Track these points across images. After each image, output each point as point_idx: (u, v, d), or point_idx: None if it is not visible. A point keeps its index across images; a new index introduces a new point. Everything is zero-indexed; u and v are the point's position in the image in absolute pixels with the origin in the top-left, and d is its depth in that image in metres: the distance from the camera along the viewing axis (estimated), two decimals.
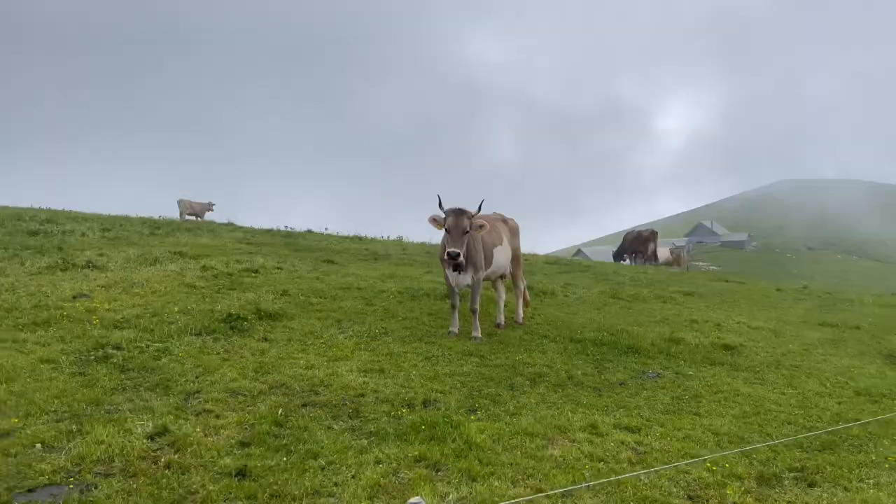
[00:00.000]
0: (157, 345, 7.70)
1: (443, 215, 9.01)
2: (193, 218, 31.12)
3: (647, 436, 6.46)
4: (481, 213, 9.64)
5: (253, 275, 12.77)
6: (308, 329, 9.15)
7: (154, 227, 20.11)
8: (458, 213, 8.94)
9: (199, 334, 8.33)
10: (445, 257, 8.87)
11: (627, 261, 31.12)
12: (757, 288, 20.20)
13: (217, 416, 5.96)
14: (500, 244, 10.09)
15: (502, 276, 10.85)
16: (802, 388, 8.45)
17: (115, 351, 7.35)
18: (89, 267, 12.08)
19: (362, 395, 6.83)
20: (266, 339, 8.49)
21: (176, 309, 9.40)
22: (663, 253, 32.27)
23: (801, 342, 11.35)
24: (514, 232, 10.71)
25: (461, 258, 8.88)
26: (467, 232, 8.99)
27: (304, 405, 6.45)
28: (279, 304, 10.25)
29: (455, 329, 9.69)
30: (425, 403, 6.81)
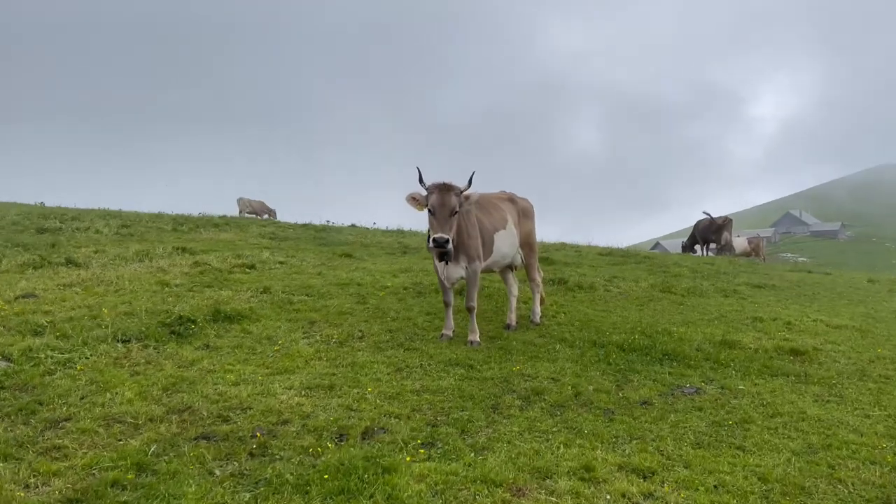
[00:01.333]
0: (61, 355, 6.33)
1: (424, 193, 7.33)
2: (253, 216, 30.53)
3: (664, 483, 4.62)
4: (480, 191, 7.92)
5: (247, 271, 11.43)
6: (267, 333, 7.64)
7: (178, 223, 19.21)
8: (444, 188, 7.24)
9: (128, 341, 6.93)
10: (431, 245, 7.18)
11: (700, 252, 28.50)
12: (844, 279, 17.54)
13: (65, 457, 4.49)
14: (504, 228, 8.29)
15: (512, 267, 9.06)
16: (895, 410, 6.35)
17: (1, 363, 6.02)
18: (68, 264, 11.00)
19: (286, 423, 5.26)
20: (207, 347, 7.02)
21: (123, 310, 8.07)
22: (740, 243, 29.43)
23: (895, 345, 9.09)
24: (525, 214, 8.87)
25: (450, 245, 7.17)
26: (456, 212, 7.28)
27: (199, 437, 4.91)
28: (251, 304, 8.80)
29: (449, 332, 7.99)
30: (366, 434, 5.17)
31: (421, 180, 7.31)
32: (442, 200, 7.17)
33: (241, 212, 30.92)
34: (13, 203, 23.15)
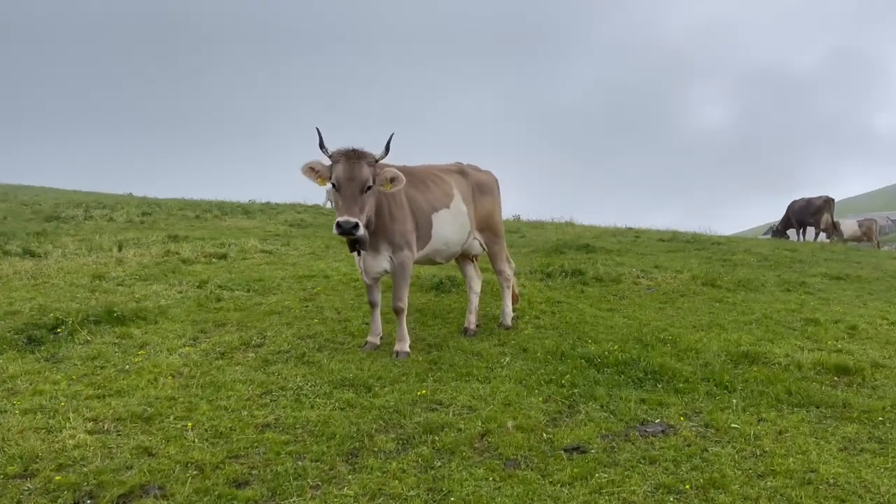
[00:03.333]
0: None
1: (327, 162, 5.72)
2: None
3: None
4: (420, 163, 6.25)
5: (214, 260, 10.24)
6: (148, 339, 6.30)
7: (205, 209, 18.45)
8: (353, 156, 5.58)
9: None
10: (335, 231, 5.54)
11: (797, 237, 25.24)
12: None
13: None
14: (447, 207, 6.51)
15: (471, 257, 7.28)
16: None
17: None
18: (22, 255, 10.16)
19: (30, 475, 3.83)
20: (49, 359, 5.76)
21: (11, 309, 6.98)
22: (849, 226, 25.86)
23: None
24: (481, 189, 7.01)
25: (360, 231, 5.52)
26: (370, 187, 5.63)
27: None
28: (167, 302, 7.54)
29: (375, 339, 6.38)
30: (126, 497, 3.66)
31: (322, 145, 5.68)
32: (350, 172, 5.52)
33: (325, 202, 29.90)
34: (63, 190, 23.33)
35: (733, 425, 4.79)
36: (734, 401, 5.26)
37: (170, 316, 7.07)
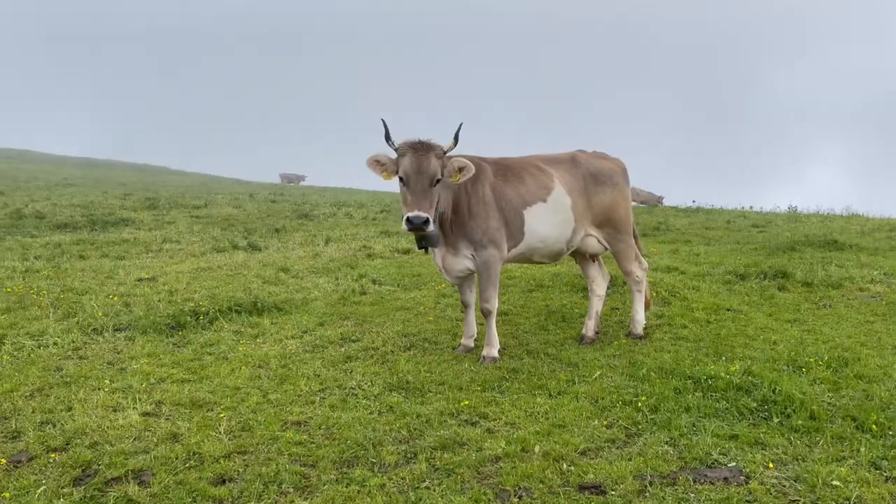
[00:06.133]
0: None
1: (393, 155, 5.51)
2: None
3: None
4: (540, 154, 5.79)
5: (397, 255, 10.59)
6: (265, 330, 6.67)
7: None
8: (420, 148, 5.28)
9: None
10: (405, 226, 5.34)
11: None
12: None
13: None
14: (543, 201, 5.84)
15: (590, 256, 6.47)
16: None
17: None
18: (246, 248, 11.48)
19: None
20: (177, 344, 6.35)
21: (187, 295, 7.95)
22: None
23: None
24: (596, 179, 6.12)
25: (431, 227, 5.25)
26: (439, 180, 5.32)
27: None
28: (313, 294, 7.94)
29: (468, 341, 6.05)
30: None
31: (388, 137, 5.47)
32: (418, 165, 5.25)
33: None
34: (338, 188, 25.85)
35: (834, 482, 3.63)
36: (862, 450, 3.99)
37: (308, 308, 7.43)
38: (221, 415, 4.69)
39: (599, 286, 6.47)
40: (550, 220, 5.85)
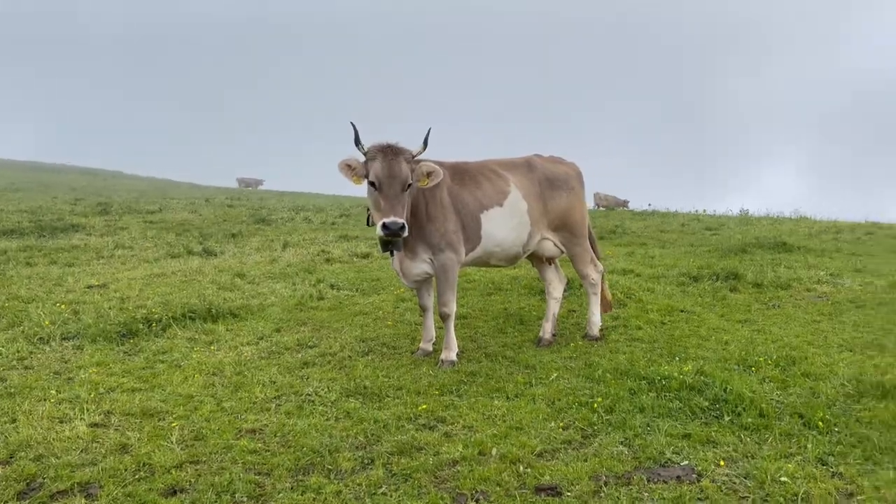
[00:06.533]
0: None
1: (362, 158, 5.48)
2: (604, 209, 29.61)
3: None
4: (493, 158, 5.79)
5: (356, 260, 10.54)
6: (220, 337, 6.56)
7: None
8: (391, 152, 5.28)
9: None
10: (381, 232, 5.25)
11: None
12: None
13: None
14: (500, 205, 5.88)
15: (547, 259, 6.53)
16: None
17: None
18: (201, 254, 11.28)
19: None
20: (128, 352, 6.20)
21: (139, 302, 7.76)
22: None
23: None
24: (552, 183, 6.19)
25: (406, 232, 5.20)
26: (410, 185, 5.30)
27: None
28: (270, 300, 7.83)
29: (427, 345, 6.04)
30: None
31: (357, 141, 5.45)
32: (389, 170, 5.22)
33: (597, 205, 29.71)
34: (296, 193, 25.59)
35: (782, 478, 3.71)
36: (809, 446, 4.09)
37: (264, 314, 7.34)
38: (173, 424, 4.59)
39: (556, 289, 6.53)
40: (507, 223, 5.89)
